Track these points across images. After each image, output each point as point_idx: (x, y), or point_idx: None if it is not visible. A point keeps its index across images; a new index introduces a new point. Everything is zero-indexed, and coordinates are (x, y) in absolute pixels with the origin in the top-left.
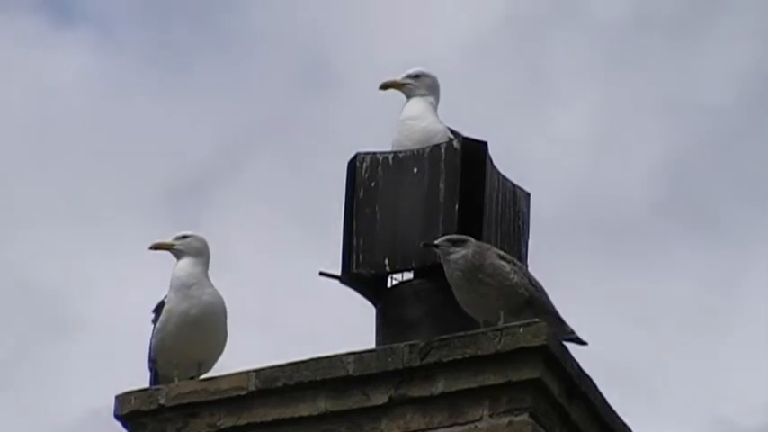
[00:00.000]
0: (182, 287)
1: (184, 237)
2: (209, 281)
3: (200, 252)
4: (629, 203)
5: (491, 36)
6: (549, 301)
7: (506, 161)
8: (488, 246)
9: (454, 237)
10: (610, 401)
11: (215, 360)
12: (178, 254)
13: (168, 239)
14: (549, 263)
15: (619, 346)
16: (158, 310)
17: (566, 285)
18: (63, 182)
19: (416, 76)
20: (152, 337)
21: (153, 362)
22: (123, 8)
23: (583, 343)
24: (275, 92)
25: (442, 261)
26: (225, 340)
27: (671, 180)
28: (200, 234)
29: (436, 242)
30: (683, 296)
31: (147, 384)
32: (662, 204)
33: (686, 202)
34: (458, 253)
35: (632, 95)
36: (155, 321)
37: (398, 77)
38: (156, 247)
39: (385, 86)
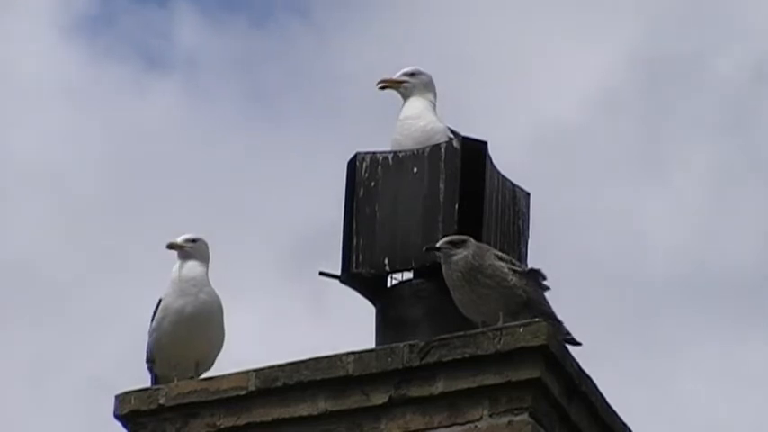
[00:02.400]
0: (180, 285)
1: (194, 240)
2: (209, 282)
3: (205, 256)
4: (744, 267)
5: (612, 93)
6: (546, 303)
7: (620, 216)
8: (487, 246)
9: (454, 238)
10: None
11: (213, 359)
12: (186, 255)
13: (178, 240)
14: (662, 323)
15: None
16: (156, 309)
17: (682, 345)
18: (154, 223)
19: (412, 74)
20: (148, 336)
21: (150, 362)
22: (212, 56)
23: (577, 343)
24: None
25: (442, 262)
26: (222, 338)
27: None
28: (204, 238)
29: (437, 245)
30: None
31: (146, 384)
32: None
33: None
34: (459, 254)
35: (749, 154)
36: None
37: (394, 76)
38: (170, 247)
39: (383, 86)
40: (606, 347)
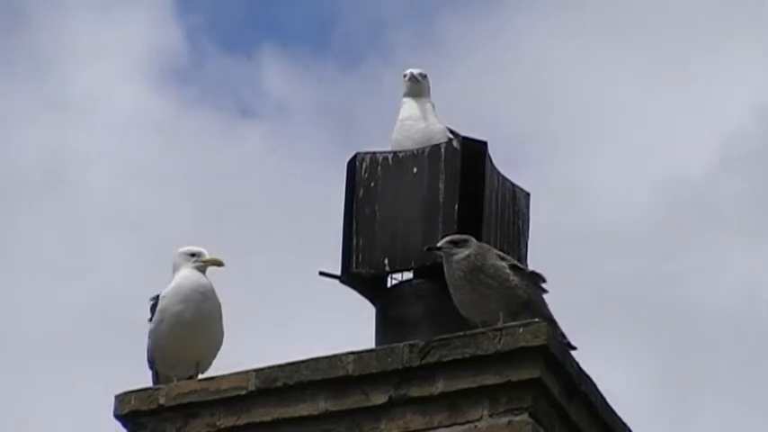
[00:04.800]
0: (183, 291)
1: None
2: (210, 284)
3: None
4: None
5: (735, 143)
6: (545, 305)
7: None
8: (488, 246)
9: (456, 237)
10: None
11: (212, 359)
12: (200, 268)
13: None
14: None
15: None
16: (154, 308)
17: None
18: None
19: (425, 76)
20: (148, 337)
21: (151, 362)
22: (300, 101)
23: (572, 348)
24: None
25: (444, 262)
26: (221, 339)
27: None
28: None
29: (438, 245)
30: None
31: (147, 384)
32: None
33: None
34: (461, 254)
35: None
36: (151, 320)
37: (413, 71)
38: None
39: (411, 77)
40: None
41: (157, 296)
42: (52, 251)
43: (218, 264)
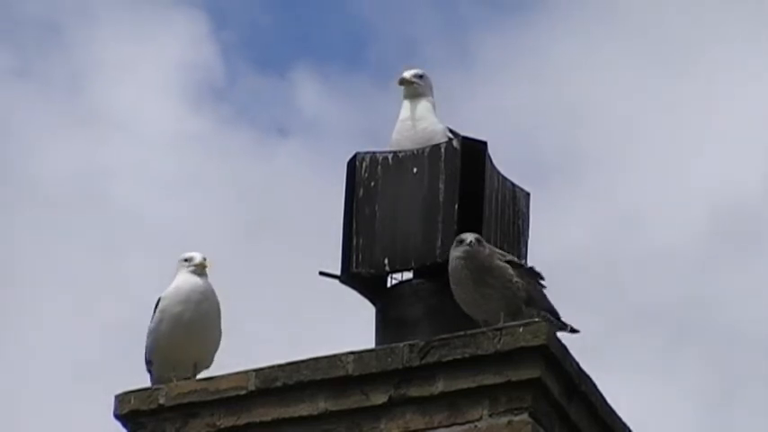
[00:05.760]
0: (183, 293)
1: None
2: (210, 285)
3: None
4: None
5: None
6: (545, 297)
7: None
8: (491, 246)
9: (477, 235)
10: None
11: (210, 360)
12: (198, 272)
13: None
14: None
15: None
16: (155, 309)
17: None
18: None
19: (421, 76)
20: (146, 338)
21: (149, 363)
22: (335, 118)
23: (575, 331)
24: None
25: (451, 258)
26: (219, 339)
27: None
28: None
29: (468, 240)
30: None
31: (146, 384)
32: None
33: None
34: (482, 252)
35: None
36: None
37: (405, 75)
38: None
39: (402, 82)
40: None
41: (159, 299)
42: (85, 267)
43: (203, 266)
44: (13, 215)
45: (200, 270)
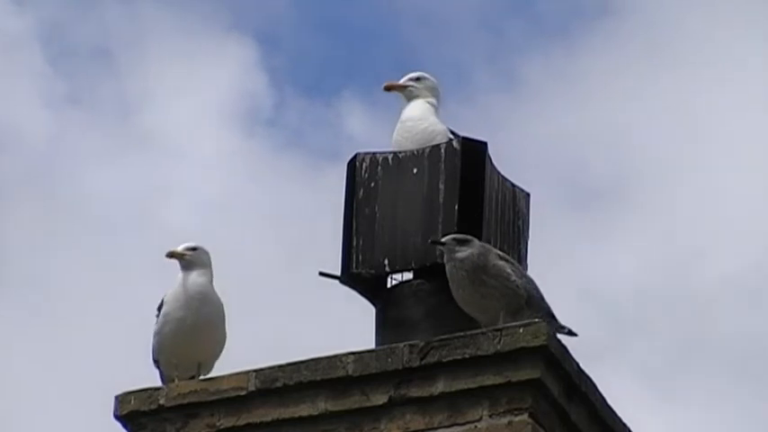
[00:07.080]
0: (184, 297)
1: (194, 249)
2: (214, 289)
3: (206, 263)
4: None
5: None
6: (543, 299)
7: None
8: (489, 246)
9: (459, 236)
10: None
11: (215, 360)
12: (187, 265)
13: (178, 249)
14: None
15: None
16: (160, 308)
17: None
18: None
19: (417, 79)
20: (153, 338)
21: (156, 361)
22: (383, 145)
23: (574, 334)
24: None
25: (445, 259)
26: (223, 342)
27: None
28: (204, 246)
29: (443, 240)
30: None
31: (147, 384)
32: None
33: None
34: (463, 252)
35: None
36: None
37: (401, 80)
38: (170, 255)
39: (388, 88)
40: None
41: (162, 301)
42: (138, 290)
43: (180, 256)
44: (66, 236)
45: (184, 263)
